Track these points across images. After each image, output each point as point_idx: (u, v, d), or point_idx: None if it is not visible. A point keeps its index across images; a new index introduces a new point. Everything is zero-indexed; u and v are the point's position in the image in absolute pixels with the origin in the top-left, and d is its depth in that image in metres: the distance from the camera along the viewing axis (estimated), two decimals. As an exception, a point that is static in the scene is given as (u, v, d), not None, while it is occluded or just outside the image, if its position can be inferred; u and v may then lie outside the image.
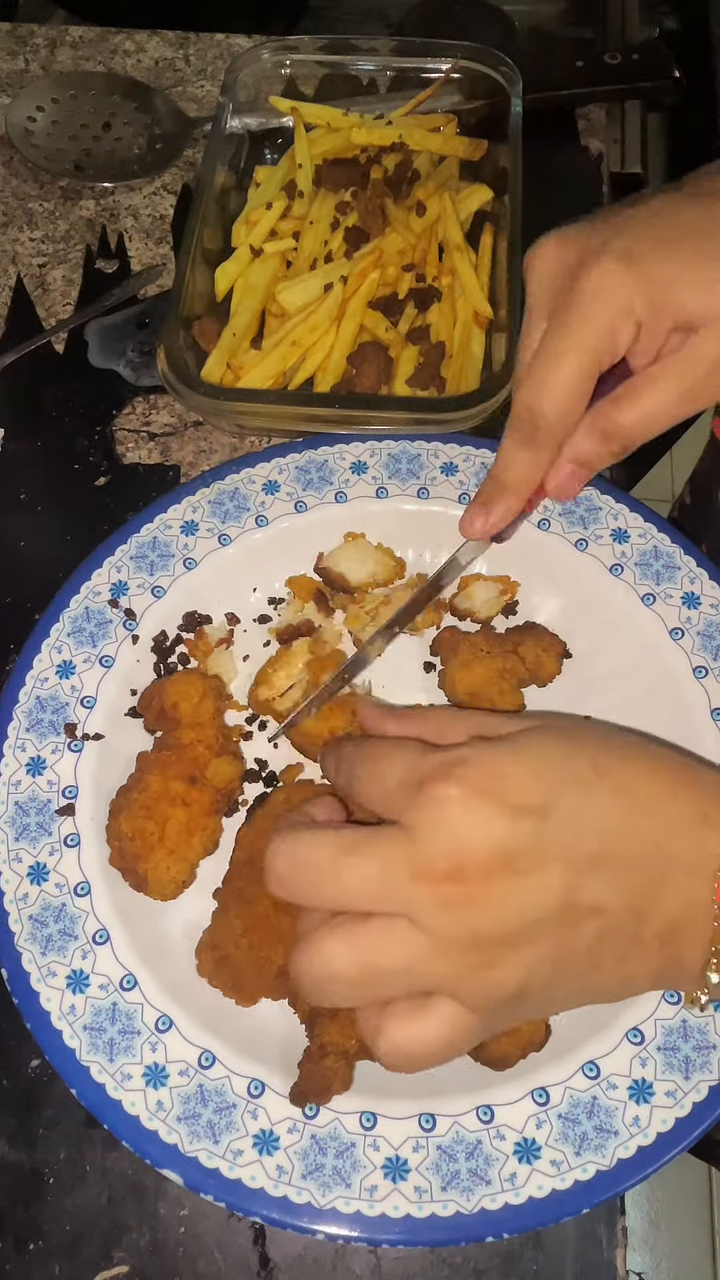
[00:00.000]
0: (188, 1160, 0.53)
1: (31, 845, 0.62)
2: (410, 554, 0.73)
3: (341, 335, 0.79)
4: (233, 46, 1.05)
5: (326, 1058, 0.55)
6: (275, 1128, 0.54)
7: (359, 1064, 0.56)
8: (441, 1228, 0.52)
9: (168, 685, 0.64)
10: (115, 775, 0.64)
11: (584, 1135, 0.54)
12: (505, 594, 0.71)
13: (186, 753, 0.63)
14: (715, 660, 0.66)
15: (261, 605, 0.72)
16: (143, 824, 0.60)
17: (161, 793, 0.61)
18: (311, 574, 0.72)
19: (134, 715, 0.67)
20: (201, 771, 0.62)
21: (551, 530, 0.71)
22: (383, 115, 0.91)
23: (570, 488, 0.61)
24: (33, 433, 0.83)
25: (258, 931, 0.58)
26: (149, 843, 0.60)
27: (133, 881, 0.61)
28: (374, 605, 0.70)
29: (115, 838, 0.61)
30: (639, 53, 0.99)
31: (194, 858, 0.61)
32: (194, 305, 0.80)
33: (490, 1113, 0.54)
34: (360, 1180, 0.53)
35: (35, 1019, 0.57)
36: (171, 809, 0.61)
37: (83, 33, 1.06)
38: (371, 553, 0.72)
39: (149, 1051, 0.56)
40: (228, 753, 0.64)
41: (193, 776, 0.62)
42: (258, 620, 0.72)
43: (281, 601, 0.72)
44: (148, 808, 0.61)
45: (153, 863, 0.60)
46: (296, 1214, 0.52)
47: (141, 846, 0.60)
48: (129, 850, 0.60)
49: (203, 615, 0.70)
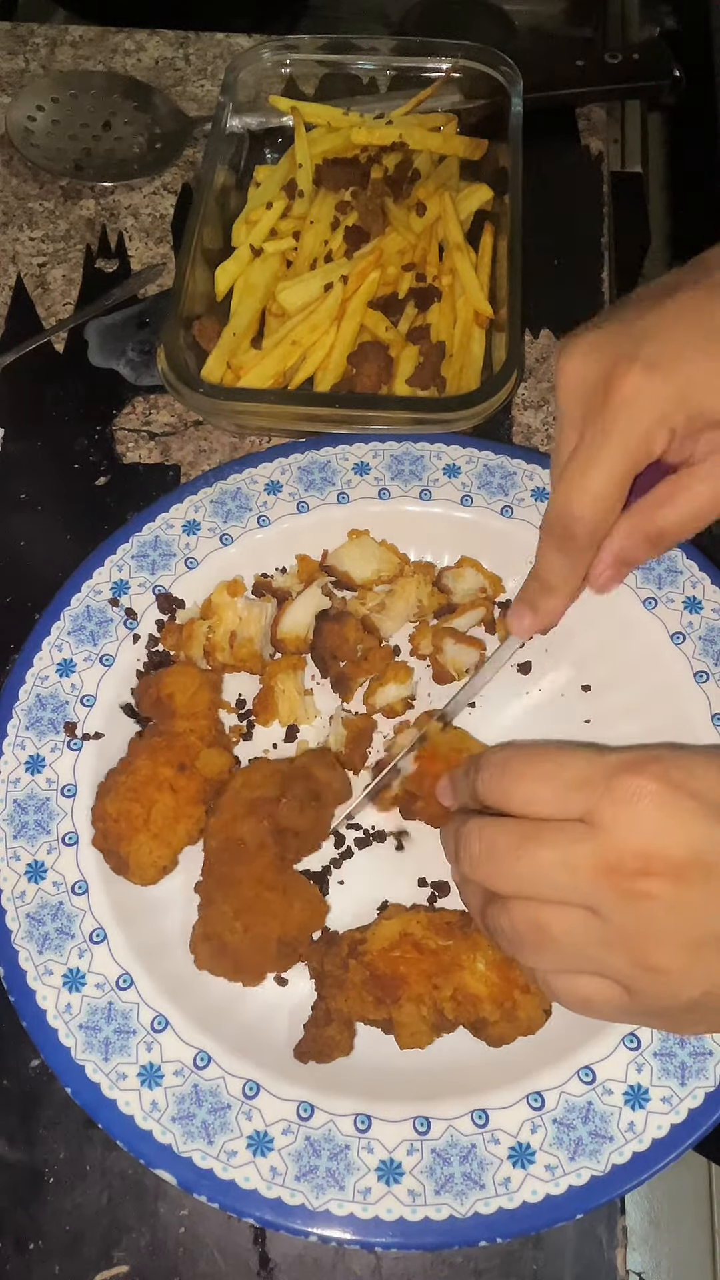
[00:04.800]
0: (182, 1160, 0.53)
1: (29, 843, 0.62)
2: (411, 555, 0.74)
3: (342, 335, 0.79)
4: (233, 46, 1.05)
5: (331, 1025, 0.56)
6: (270, 1129, 0.54)
7: (354, 1068, 0.56)
8: (435, 1231, 0.52)
9: (164, 675, 0.65)
10: (114, 774, 0.64)
11: (579, 1140, 0.54)
12: (485, 596, 0.71)
13: (178, 740, 0.63)
14: (717, 665, 0.66)
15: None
16: (129, 806, 0.60)
17: (150, 777, 0.61)
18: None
19: (130, 713, 0.67)
20: (192, 760, 0.62)
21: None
22: (383, 115, 0.91)
23: (611, 585, 0.61)
24: (33, 433, 0.83)
25: (250, 912, 0.58)
26: (133, 825, 0.60)
27: (114, 864, 0.61)
28: (378, 602, 0.70)
29: (100, 819, 0.61)
30: (639, 52, 0.98)
31: (177, 844, 0.61)
32: (194, 305, 0.80)
33: (485, 1117, 0.54)
34: (354, 1183, 0.53)
35: (31, 1017, 0.57)
36: (158, 794, 0.61)
37: (83, 32, 1.06)
38: (376, 550, 0.72)
39: (144, 1051, 0.56)
40: (219, 744, 0.64)
41: (182, 764, 0.62)
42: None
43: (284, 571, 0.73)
44: (135, 790, 0.61)
45: (135, 845, 0.60)
46: (290, 1216, 0.52)
47: (125, 828, 0.60)
48: (112, 831, 0.60)
49: (177, 599, 0.70)
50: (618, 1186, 0.53)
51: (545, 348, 0.85)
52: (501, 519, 0.72)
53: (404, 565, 0.72)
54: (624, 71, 0.97)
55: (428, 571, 0.72)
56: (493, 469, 0.73)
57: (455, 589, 0.71)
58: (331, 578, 0.72)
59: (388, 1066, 0.57)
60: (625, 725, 0.67)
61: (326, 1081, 0.56)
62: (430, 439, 0.74)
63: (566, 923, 0.45)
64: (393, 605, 0.70)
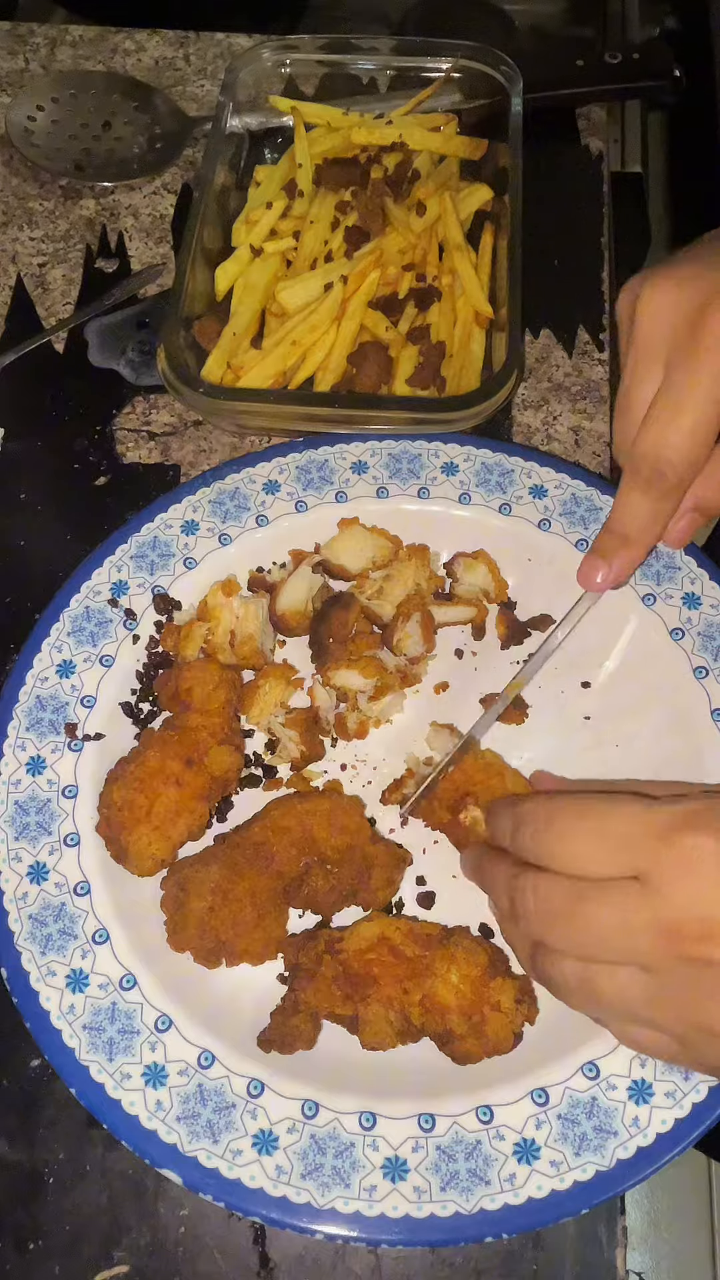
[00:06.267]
0: (187, 1160, 0.53)
1: (31, 844, 0.62)
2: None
3: (342, 335, 0.79)
4: (233, 46, 1.05)
5: (297, 1015, 0.56)
6: (275, 1127, 0.54)
7: (358, 1065, 0.56)
8: (440, 1228, 0.52)
9: (185, 670, 0.65)
10: (115, 775, 0.64)
11: (583, 1136, 0.54)
12: (482, 599, 0.71)
13: (190, 736, 0.63)
14: (716, 661, 0.66)
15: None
16: (133, 796, 0.60)
17: (157, 769, 0.61)
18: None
19: (130, 713, 0.67)
20: (201, 756, 0.62)
21: (552, 531, 0.71)
22: (383, 115, 0.91)
23: (687, 535, 0.60)
24: (33, 433, 0.82)
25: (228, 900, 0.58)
26: (136, 815, 0.60)
27: (114, 852, 0.61)
28: (376, 588, 0.70)
29: (105, 806, 0.61)
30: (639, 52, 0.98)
31: (177, 838, 0.61)
32: (194, 304, 0.80)
33: (490, 1113, 0.55)
34: (359, 1180, 0.53)
35: (34, 1018, 0.57)
36: (164, 787, 0.61)
37: (83, 32, 1.06)
38: (368, 538, 0.72)
39: (148, 1051, 0.56)
40: (230, 743, 0.64)
41: (190, 759, 0.62)
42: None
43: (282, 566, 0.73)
44: (141, 781, 0.61)
45: (135, 836, 0.60)
46: (295, 1214, 0.52)
47: (128, 818, 0.60)
48: (115, 820, 0.60)
49: (173, 600, 0.70)
50: (622, 1181, 0.53)
51: (545, 347, 0.86)
52: (500, 516, 0.72)
53: (398, 549, 0.72)
54: (624, 71, 0.97)
55: (423, 555, 0.72)
56: (490, 467, 0.73)
57: (462, 578, 0.71)
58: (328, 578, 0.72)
59: (392, 1064, 0.57)
60: (625, 722, 0.67)
61: (331, 1079, 0.56)
62: (429, 438, 0.74)
63: (619, 981, 0.45)
64: (390, 590, 0.70)
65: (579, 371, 0.84)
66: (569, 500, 0.72)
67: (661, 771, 0.63)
